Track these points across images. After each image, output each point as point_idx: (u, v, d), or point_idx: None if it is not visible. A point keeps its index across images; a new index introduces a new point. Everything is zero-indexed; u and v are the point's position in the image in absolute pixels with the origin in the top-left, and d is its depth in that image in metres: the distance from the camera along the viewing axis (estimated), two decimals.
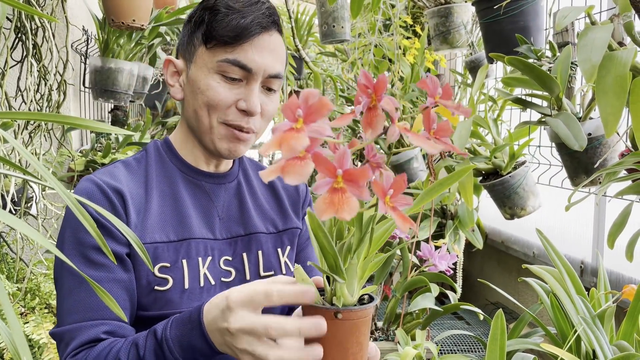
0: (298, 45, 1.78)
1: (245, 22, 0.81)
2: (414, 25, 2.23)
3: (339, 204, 0.40)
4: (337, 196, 0.40)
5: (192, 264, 0.84)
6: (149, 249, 0.81)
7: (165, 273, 0.81)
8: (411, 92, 2.04)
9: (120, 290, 0.78)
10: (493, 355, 0.77)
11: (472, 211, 1.70)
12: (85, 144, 2.16)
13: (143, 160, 0.90)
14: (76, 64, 2.06)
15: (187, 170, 0.89)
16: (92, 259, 0.78)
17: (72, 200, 0.52)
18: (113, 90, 1.85)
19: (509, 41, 1.32)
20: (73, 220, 0.79)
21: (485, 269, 2.10)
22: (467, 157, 1.39)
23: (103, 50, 1.86)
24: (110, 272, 0.78)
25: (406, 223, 0.42)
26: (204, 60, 0.84)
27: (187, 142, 0.90)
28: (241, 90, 0.83)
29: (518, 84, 1.13)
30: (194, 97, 0.85)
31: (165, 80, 0.91)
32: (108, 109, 2.39)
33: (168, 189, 0.87)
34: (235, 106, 0.83)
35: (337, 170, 0.41)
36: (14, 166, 0.60)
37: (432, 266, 1.30)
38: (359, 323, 0.57)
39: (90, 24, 2.08)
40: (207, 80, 0.83)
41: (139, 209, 0.82)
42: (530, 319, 1.14)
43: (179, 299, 0.81)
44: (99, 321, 0.76)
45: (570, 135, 0.95)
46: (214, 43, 0.82)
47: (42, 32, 1.22)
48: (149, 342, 0.70)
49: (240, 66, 0.82)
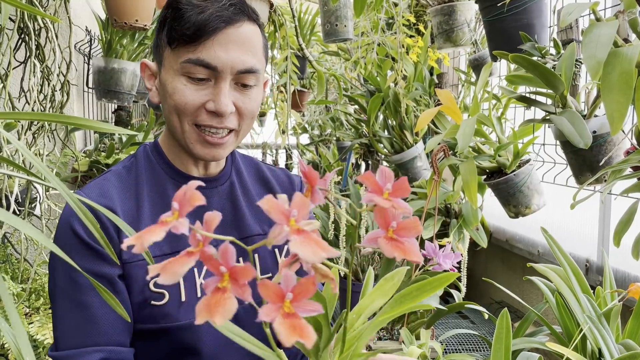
0: (302, 45, 1.77)
1: (204, 16, 0.76)
2: (417, 23, 2.23)
3: (214, 305, 0.36)
4: (216, 297, 0.36)
5: (188, 276, 0.81)
6: (143, 264, 0.79)
7: (160, 287, 0.79)
8: (414, 91, 2.04)
9: (115, 313, 0.76)
10: (498, 354, 0.77)
11: (476, 210, 1.69)
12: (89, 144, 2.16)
13: (133, 168, 0.86)
14: (79, 65, 2.07)
15: (177, 177, 0.86)
16: (82, 284, 0.76)
17: (74, 201, 0.52)
18: (116, 90, 1.85)
19: (512, 39, 1.31)
20: (61, 244, 0.77)
21: (489, 268, 2.10)
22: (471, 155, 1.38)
23: (106, 50, 1.86)
24: (98, 296, 0.76)
25: (294, 334, 0.35)
26: (170, 62, 0.79)
27: (171, 145, 0.87)
28: (209, 91, 0.79)
29: (522, 82, 1.13)
30: (165, 101, 0.81)
31: (145, 84, 0.87)
32: (112, 109, 2.40)
33: (159, 198, 0.84)
34: (204, 108, 0.78)
35: (220, 268, 0.37)
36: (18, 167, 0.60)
37: (437, 265, 1.29)
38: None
39: (93, 25, 2.09)
40: (173, 83, 0.78)
41: (131, 224, 0.79)
42: (536, 317, 1.14)
43: (177, 312, 0.80)
44: (93, 348, 0.75)
45: (575, 133, 0.95)
46: (176, 43, 0.77)
47: (45, 32, 1.22)
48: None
49: (203, 65, 0.76)
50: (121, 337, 0.78)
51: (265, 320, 0.36)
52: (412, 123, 2.09)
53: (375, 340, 1.35)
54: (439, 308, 1.23)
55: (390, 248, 0.39)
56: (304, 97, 3.11)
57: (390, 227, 0.40)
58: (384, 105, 2.12)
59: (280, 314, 0.35)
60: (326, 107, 3.36)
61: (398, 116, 2.10)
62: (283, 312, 0.36)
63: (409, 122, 2.10)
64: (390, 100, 2.08)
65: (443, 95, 1.42)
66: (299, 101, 2.91)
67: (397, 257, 0.38)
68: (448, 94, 1.42)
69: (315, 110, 3.50)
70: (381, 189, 0.40)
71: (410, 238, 0.40)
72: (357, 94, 2.36)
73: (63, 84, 1.27)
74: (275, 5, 1.92)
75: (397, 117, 2.11)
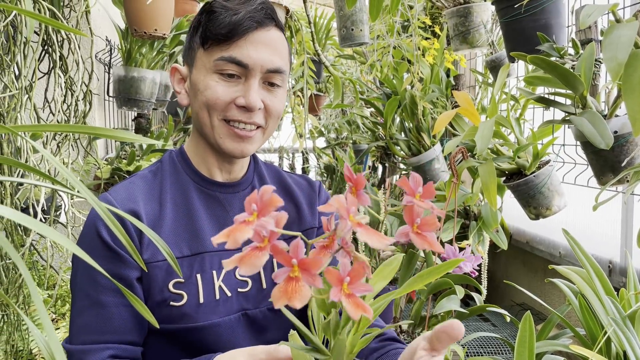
0: (318, 50, 1.78)
1: (237, 18, 0.81)
2: (433, 25, 2.22)
3: (291, 292, 0.42)
4: (291, 285, 0.42)
5: (207, 278, 0.84)
6: (163, 265, 0.81)
7: (179, 288, 0.82)
8: (431, 93, 2.03)
9: (129, 313, 0.80)
10: (522, 358, 0.76)
11: (495, 212, 1.68)
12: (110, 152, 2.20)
13: (159, 172, 0.90)
14: (100, 74, 2.10)
15: (201, 182, 0.89)
16: (102, 283, 0.80)
17: (100, 206, 0.53)
18: (136, 98, 1.88)
19: (530, 40, 1.30)
20: (85, 246, 0.81)
21: (510, 270, 2.08)
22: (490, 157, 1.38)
23: (126, 59, 1.89)
24: (116, 297, 0.80)
25: (358, 310, 0.42)
26: (203, 62, 0.84)
27: (198, 148, 0.90)
28: (240, 87, 0.83)
29: (541, 83, 1.12)
30: (195, 99, 0.85)
31: (173, 88, 0.92)
32: (132, 117, 2.43)
33: (182, 201, 0.87)
34: (235, 103, 0.83)
35: (292, 260, 0.43)
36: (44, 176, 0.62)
37: (457, 268, 1.29)
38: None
39: (113, 34, 2.12)
40: (205, 80, 0.83)
41: (153, 226, 0.83)
42: (558, 320, 1.13)
43: (195, 313, 0.82)
44: (105, 345, 0.79)
45: (596, 133, 0.94)
46: (210, 43, 0.82)
47: (68, 44, 1.24)
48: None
49: (235, 62, 0.81)
50: (132, 336, 0.81)
51: (334, 300, 0.42)
52: (429, 125, 2.09)
53: None
54: (459, 311, 1.23)
55: (420, 241, 0.46)
56: (321, 101, 3.12)
57: (415, 223, 0.47)
58: (401, 108, 2.12)
59: (343, 295, 0.42)
60: (342, 111, 3.37)
61: (415, 118, 2.10)
62: (344, 293, 0.42)
63: (426, 124, 2.10)
64: (406, 102, 2.07)
65: (460, 97, 1.42)
66: (315, 105, 2.92)
67: (425, 248, 0.45)
68: (465, 96, 1.42)
69: (332, 114, 3.51)
70: (414, 192, 0.47)
71: (430, 232, 0.47)
72: (374, 97, 2.36)
73: (85, 93, 1.30)
74: (292, 11, 1.93)
75: (414, 119, 2.10)
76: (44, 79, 1.28)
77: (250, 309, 0.87)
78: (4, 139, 0.94)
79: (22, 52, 1.01)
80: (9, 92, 1.01)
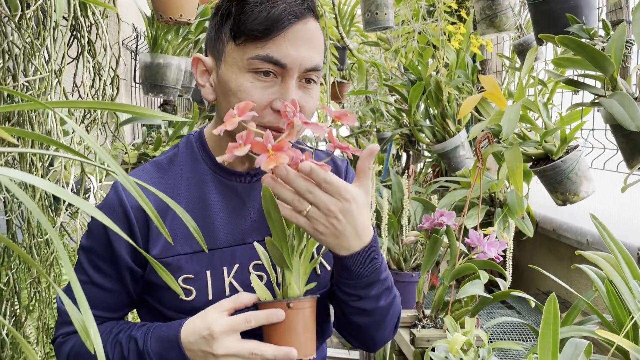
0: (342, 34, 1.78)
1: (276, 12, 0.73)
2: (459, 9, 2.19)
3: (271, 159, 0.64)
4: (271, 157, 0.64)
5: (217, 275, 0.82)
6: (173, 261, 0.80)
7: (188, 284, 0.80)
8: (457, 79, 2.01)
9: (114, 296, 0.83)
10: (546, 340, 0.76)
11: (522, 198, 1.66)
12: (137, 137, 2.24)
13: (175, 160, 0.85)
14: (127, 61, 2.14)
15: (219, 172, 0.84)
16: (98, 265, 0.81)
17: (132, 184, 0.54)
18: (162, 85, 1.90)
19: (559, 21, 1.28)
20: (93, 227, 0.82)
21: (535, 258, 2.05)
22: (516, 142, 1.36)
23: (152, 46, 1.91)
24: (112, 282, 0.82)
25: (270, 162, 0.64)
26: (234, 58, 0.76)
27: (221, 140, 0.84)
28: (276, 89, 0.76)
29: (570, 65, 1.10)
30: (227, 99, 0.78)
31: (196, 80, 0.84)
32: (157, 103, 2.47)
33: (197, 194, 0.83)
34: (271, 107, 0.76)
35: (267, 146, 0.65)
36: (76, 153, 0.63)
37: (481, 253, 1.28)
38: (307, 311, 0.72)
39: (139, 21, 2.15)
40: (238, 80, 0.75)
41: (162, 218, 0.80)
42: (585, 306, 1.11)
43: (203, 308, 0.79)
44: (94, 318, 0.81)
45: (627, 115, 0.92)
46: (243, 38, 0.74)
47: (96, 29, 1.26)
48: (131, 347, 0.77)
49: (273, 62, 0.74)
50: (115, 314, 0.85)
51: (259, 166, 0.64)
52: (454, 111, 2.07)
53: (419, 328, 1.34)
54: (483, 296, 1.22)
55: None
56: (344, 88, 3.11)
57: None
58: (425, 94, 2.10)
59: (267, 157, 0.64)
60: (366, 98, 3.35)
61: (440, 105, 2.08)
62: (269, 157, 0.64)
63: (451, 110, 2.07)
64: (431, 88, 2.05)
65: (486, 81, 1.40)
66: (338, 92, 2.91)
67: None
68: (491, 80, 1.40)
69: (355, 102, 3.50)
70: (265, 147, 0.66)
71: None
72: (398, 83, 2.34)
73: (113, 78, 1.32)
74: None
75: (439, 105, 2.08)
76: (72, 64, 1.31)
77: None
78: (35, 121, 0.96)
79: (52, 36, 1.03)
80: (39, 74, 1.03)
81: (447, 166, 2.14)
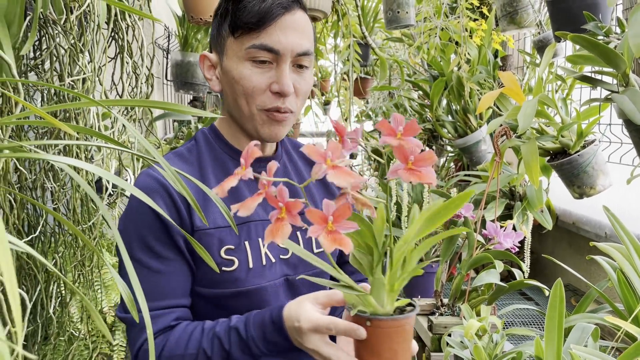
0: (365, 33, 1.83)
1: (265, 5, 0.84)
2: (481, 6, 2.22)
3: (275, 231, 0.51)
4: (277, 225, 0.51)
5: (254, 245, 0.89)
6: (215, 233, 0.86)
7: (230, 255, 0.87)
8: (478, 74, 2.04)
9: (184, 278, 0.86)
10: (552, 322, 0.80)
11: (540, 192, 1.69)
12: (168, 132, 2.33)
13: (194, 149, 0.93)
14: (159, 59, 2.23)
15: (237, 156, 0.93)
16: (157, 251, 0.84)
17: (172, 172, 0.61)
18: (192, 82, 1.99)
19: (576, 19, 1.31)
20: (135, 216, 0.85)
21: (556, 251, 2.08)
22: (533, 136, 1.39)
23: (183, 45, 2.00)
24: (171, 264, 0.84)
25: (333, 244, 0.49)
26: (234, 50, 0.87)
27: (231, 128, 0.94)
28: (272, 73, 0.86)
29: (584, 62, 1.13)
30: (231, 88, 0.88)
31: (204, 75, 0.94)
32: (187, 100, 2.56)
33: (222, 175, 0.91)
34: (269, 90, 0.86)
35: (279, 203, 0.52)
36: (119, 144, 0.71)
37: (497, 244, 1.33)
38: (391, 332, 0.64)
39: (170, 22, 2.24)
40: (239, 69, 0.86)
41: (198, 198, 0.86)
42: (597, 295, 1.15)
43: (245, 277, 0.87)
44: (168, 310, 0.84)
45: (636, 110, 0.95)
46: (240, 32, 0.85)
47: (132, 31, 1.35)
48: (232, 338, 0.79)
49: (267, 49, 0.84)
50: (187, 299, 0.87)
51: (313, 236, 0.50)
52: (475, 107, 2.10)
53: (437, 316, 1.40)
54: (499, 284, 1.27)
55: (408, 175, 0.50)
56: (367, 84, 3.16)
57: (409, 160, 0.51)
58: (447, 90, 2.14)
59: (324, 232, 0.50)
60: (389, 94, 3.39)
61: (462, 100, 2.11)
62: (327, 230, 0.50)
63: (472, 105, 2.11)
64: (453, 84, 2.09)
65: (505, 77, 1.44)
66: (361, 88, 2.96)
67: (413, 181, 0.48)
68: (510, 76, 1.43)
69: (379, 97, 3.53)
70: (394, 131, 0.51)
71: (427, 167, 0.51)
72: (421, 79, 2.38)
73: (148, 77, 1.41)
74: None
75: (461, 101, 2.12)
76: (110, 64, 1.40)
77: (290, 275, 0.94)
78: (80, 116, 1.05)
79: (94, 39, 1.12)
80: (83, 74, 1.12)
81: (468, 160, 2.17)
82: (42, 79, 1.07)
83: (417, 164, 0.50)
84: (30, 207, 1.08)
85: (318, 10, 1.75)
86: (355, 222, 0.50)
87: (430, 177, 0.49)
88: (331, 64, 2.68)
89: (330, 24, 2.33)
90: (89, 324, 1.18)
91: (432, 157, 0.50)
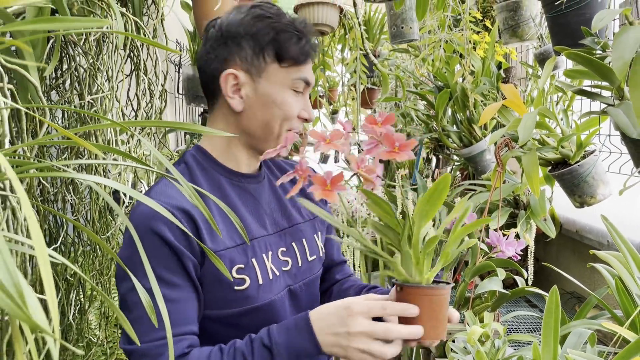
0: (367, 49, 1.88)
1: (310, 45, 0.96)
2: (484, 19, 2.27)
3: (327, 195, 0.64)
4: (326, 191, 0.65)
5: (260, 261, 0.93)
6: (225, 254, 0.88)
7: (241, 273, 0.90)
8: (482, 85, 2.08)
9: (193, 305, 0.86)
10: (548, 327, 0.84)
11: (543, 201, 1.73)
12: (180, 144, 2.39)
13: (186, 173, 0.93)
14: (171, 74, 2.29)
15: (231, 176, 0.97)
16: (166, 279, 0.83)
17: (188, 187, 0.66)
18: (203, 96, 2.04)
19: (574, 34, 1.35)
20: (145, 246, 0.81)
21: (560, 259, 2.11)
22: (534, 147, 1.43)
23: (194, 59, 2.06)
24: (184, 291, 0.84)
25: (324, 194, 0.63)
26: (278, 77, 0.94)
27: (229, 148, 0.97)
28: (301, 101, 0.97)
29: (580, 76, 1.17)
30: (267, 110, 0.93)
31: (224, 92, 0.94)
32: (198, 112, 2.62)
33: (220, 196, 0.93)
34: (299, 116, 0.97)
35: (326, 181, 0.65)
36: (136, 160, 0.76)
37: (500, 252, 1.36)
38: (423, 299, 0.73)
39: (182, 37, 2.31)
40: (283, 95, 0.94)
41: (203, 219, 0.87)
42: (596, 302, 1.18)
43: (256, 294, 0.91)
44: (181, 337, 0.83)
45: (629, 123, 0.99)
46: (289, 63, 0.94)
47: (147, 49, 1.41)
48: (256, 349, 0.79)
49: (306, 82, 0.96)
50: (196, 326, 0.88)
51: (314, 193, 0.64)
52: (480, 117, 2.14)
53: None
54: (501, 292, 1.30)
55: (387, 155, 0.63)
56: (374, 94, 3.21)
57: (395, 146, 0.64)
58: (452, 100, 2.18)
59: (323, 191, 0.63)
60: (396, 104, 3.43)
61: (466, 110, 2.16)
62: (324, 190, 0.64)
63: (477, 116, 2.15)
64: (458, 95, 2.14)
65: (507, 89, 1.48)
66: (368, 99, 3.01)
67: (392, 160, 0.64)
68: (512, 88, 1.48)
69: (386, 107, 3.58)
70: (376, 121, 0.65)
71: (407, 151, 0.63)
72: (426, 90, 2.43)
73: (161, 92, 1.47)
74: (345, 10, 2.04)
75: (466, 111, 2.16)
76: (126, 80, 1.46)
77: (292, 284, 0.99)
78: (100, 132, 1.10)
79: (112, 58, 1.18)
80: (101, 93, 1.18)
81: (473, 170, 2.21)
82: (63, 97, 1.13)
83: (402, 148, 0.63)
84: (51, 219, 1.14)
85: (326, 25, 1.81)
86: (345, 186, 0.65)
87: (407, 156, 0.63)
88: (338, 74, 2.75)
89: (337, 37, 2.39)
90: (106, 330, 1.23)
91: (413, 143, 0.63)
